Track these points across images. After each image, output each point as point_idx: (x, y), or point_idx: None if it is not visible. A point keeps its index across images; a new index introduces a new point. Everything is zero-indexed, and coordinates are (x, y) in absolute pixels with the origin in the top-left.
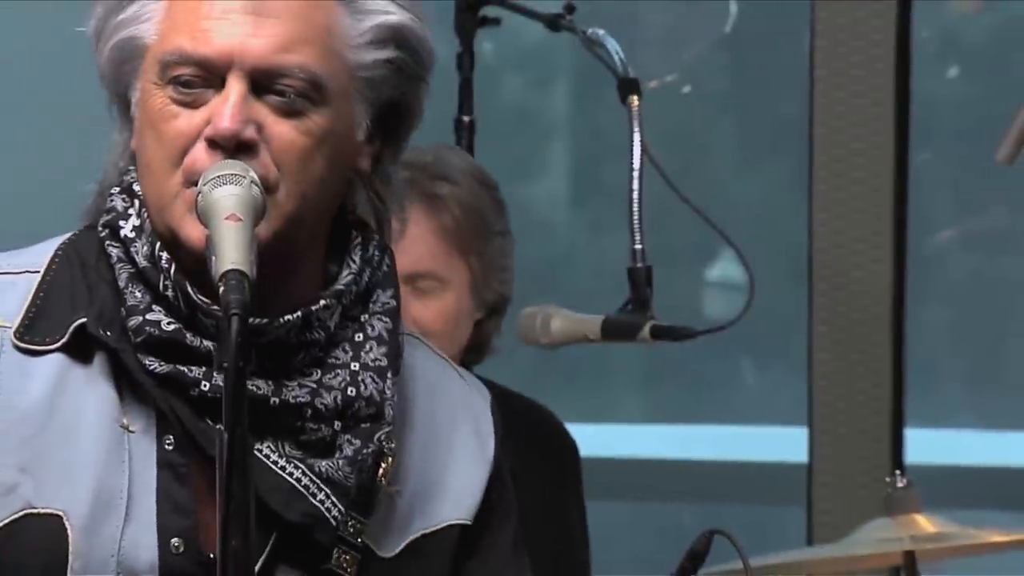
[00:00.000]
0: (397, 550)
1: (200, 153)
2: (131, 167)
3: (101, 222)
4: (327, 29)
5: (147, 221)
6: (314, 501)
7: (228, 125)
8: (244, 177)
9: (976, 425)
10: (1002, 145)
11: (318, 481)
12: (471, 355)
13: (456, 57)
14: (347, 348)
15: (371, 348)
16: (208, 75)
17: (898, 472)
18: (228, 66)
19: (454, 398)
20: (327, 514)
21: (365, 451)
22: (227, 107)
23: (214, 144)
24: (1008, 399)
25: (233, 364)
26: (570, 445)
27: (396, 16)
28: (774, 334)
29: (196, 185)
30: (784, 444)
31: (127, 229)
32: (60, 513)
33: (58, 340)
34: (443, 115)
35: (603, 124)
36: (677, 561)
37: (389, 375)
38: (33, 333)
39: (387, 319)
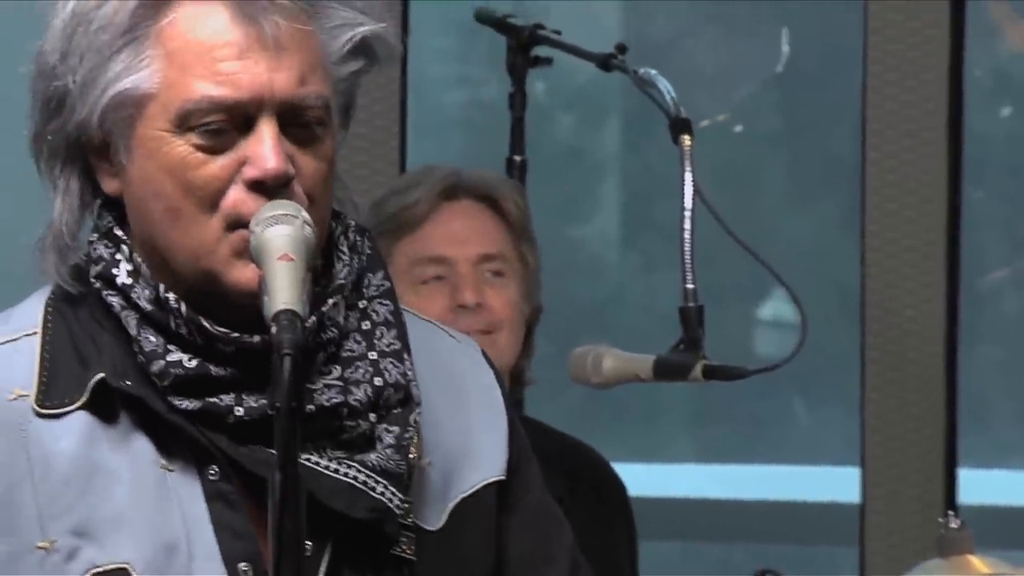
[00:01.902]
0: (443, 520)
1: (241, 195)
2: (108, 214)
3: (93, 273)
4: (319, 51)
5: (142, 265)
6: (375, 495)
7: (275, 166)
8: (296, 217)
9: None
10: None
11: (374, 475)
12: (512, 383)
13: (508, 97)
14: (359, 339)
15: (382, 334)
16: (236, 118)
17: (951, 513)
18: (259, 107)
19: (453, 358)
20: (390, 504)
21: (406, 436)
22: (267, 148)
23: (257, 186)
24: None
25: (286, 405)
26: (617, 484)
27: (363, 27)
28: (826, 373)
29: (240, 228)
30: (836, 484)
31: (122, 276)
32: (125, 565)
33: (78, 400)
34: (495, 155)
35: (654, 163)
36: None
37: (405, 356)
38: (52, 397)
39: (387, 301)
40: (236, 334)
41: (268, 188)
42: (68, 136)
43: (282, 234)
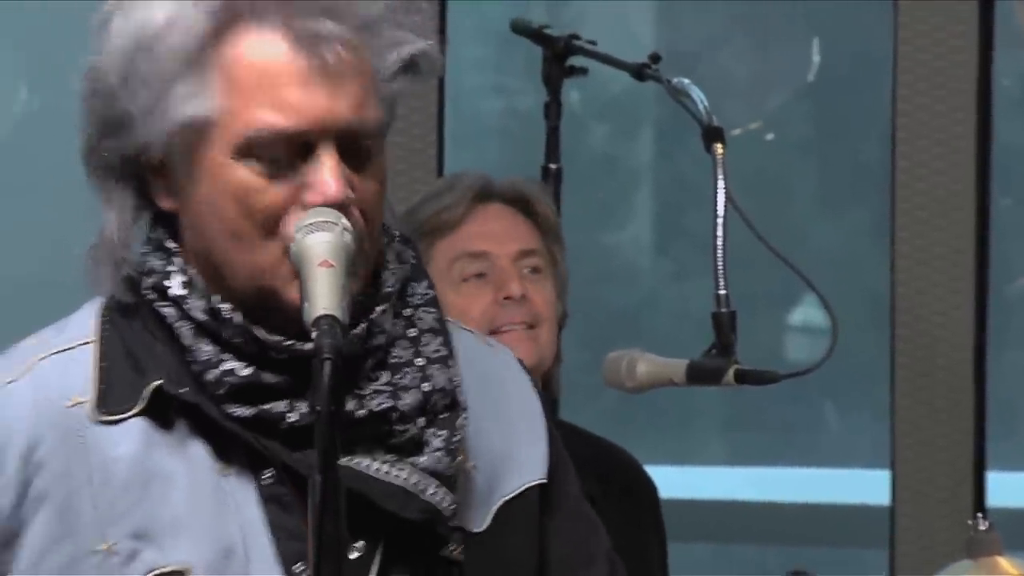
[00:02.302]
0: (487, 522)
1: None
2: (159, 226)
3: (146, 284)
4: (371, 73)
5: (196, 277)
6: (427, 496)
7: (336, 193)
8: (336, 224)
9: None
10: None
11: (425, 477)
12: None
13: (544, 106)
14: (406, 345)
15: (428, 341)
16: (296, 145)
17: (980, 515)
18: (320, 135)
19: (492, 365)
20: (440, 506)
21: (454, 439)
22: (328, 175)
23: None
24: None
25: (326, 408)
26: (648, 485)
27: (411, 46)
28: (856, 378)
29: None
30: (866, 487)
31: (176, 287)
32: (185, 567)
33: (135, 407)
34: (531, 163)
35: (686, 171)
36: None
37: (451, 362)
38: (109, 404)
39: (432, 309)
40: (289, 342)
41: (336, 206)
42: (125, 154)
43: (322, 241)
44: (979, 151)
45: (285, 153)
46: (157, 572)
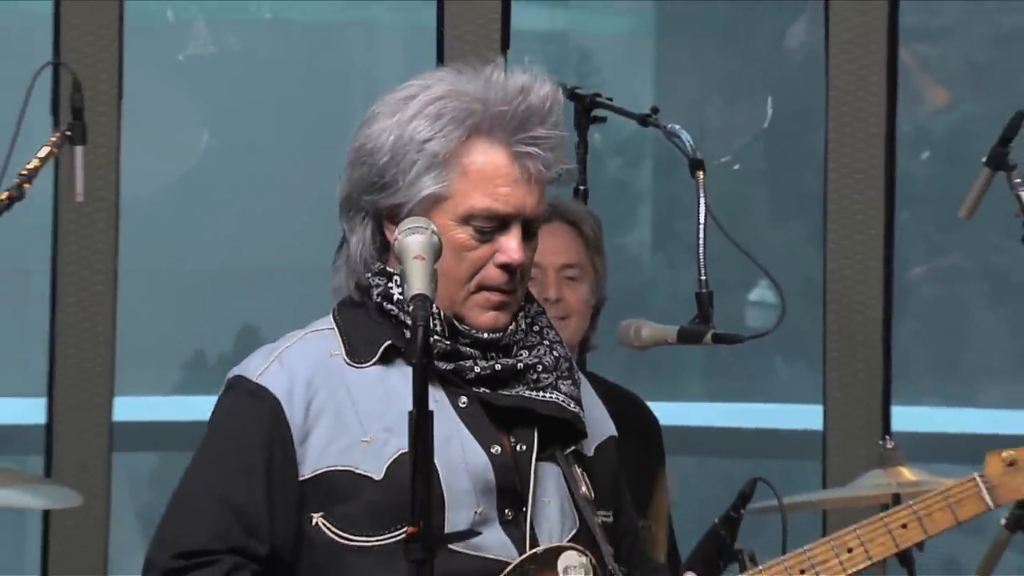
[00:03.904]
0: (592, 451)
1: (493, 272)
2: (384, 253)
3: (375, 294)
4: (546, 181)
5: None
6: (571, 408)
7: (519, 258)
8: (427, 228)
9: (940, 404)
10: (963, 206)
11: (568, 399)
12: (580, 351)
13: (575, 145)
14: (534, 335)
15: (547, 333)
16: (497, 222)
17: (887, 437)
18: (515, 218)
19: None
20: (577, 415)
21: (574, 388)
22: (516, 245)
23: (504, 267)
24: (966, 385)
25: (419, 360)
26: (652, 418)
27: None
28: (798, 340)
29: (484, 291)
30: (805, 417)
31: (396, 295)
32: None
33: (372, 359)
34: (566, 185)
35: (677, 191)
36: (731, 500)
37: (563, 346)
38: (355, 356)
39: (543, 317)
40: (472, 330)
41: (511, 270)
42: (376, 204)
43: (417, 241)
44: (887, 179)
45: (490, 226)
46: (402, 451)
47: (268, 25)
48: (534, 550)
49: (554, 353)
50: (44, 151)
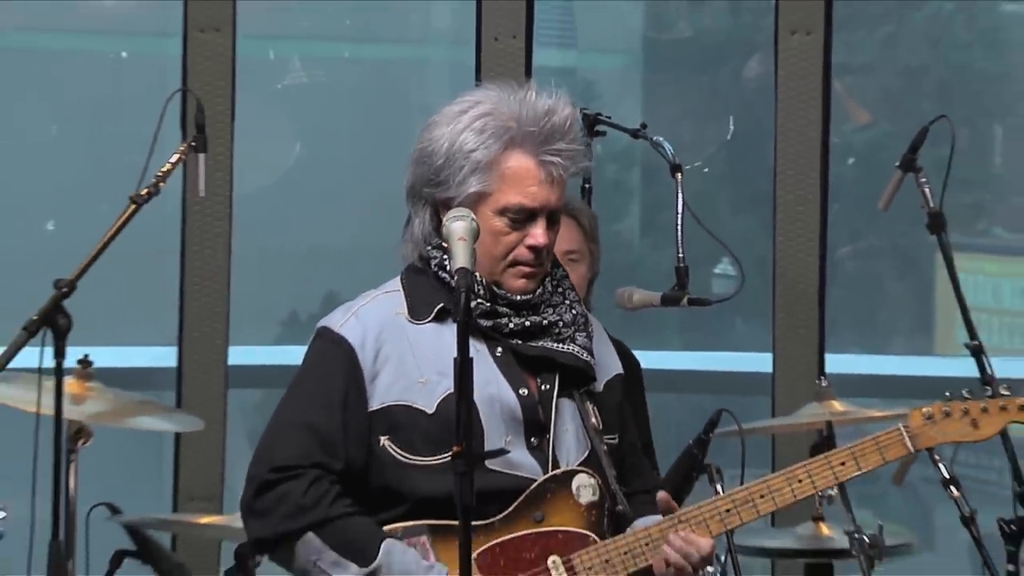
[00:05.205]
0: (601, 387)
1: (523, 251)
2: (436, 232)
3: (433, 264)
4: (566, 179)
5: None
6: (584, 357)
7: (544, 242)
8: (468, 216)
9: (861, 352)
10: (881, 200)
11: (583, 351)
12: None
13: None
14: (558, 296)
15: (569, 294)
16: (527, 214)
17: (822, 376)
18: (541, 211)
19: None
20: (590, 363)
21: (587, 340)
22: (541, 231)
23: (532, 248)
24: (880, 338)
25: (463, 319)
26: (636, 361)
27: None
28: (753, 303)
29: (516, 266)
30: (758, 362)
31: (449, 266)
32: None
33: (429, 317)
34: (574, 184)
35: (660, 190)
36: (701, 427)
37: (580, 305)
38: (415, 315)
39: (567, 282)
40: (508, 294)
41: (537, 250)
42: (433, 195)
43: (460, 226)
44: (822, 180)
45: (521, 217)
46: (449, 391)
47: (347, 62)
48: (553, 472)
49: (573, 311)
50: (174, 158)
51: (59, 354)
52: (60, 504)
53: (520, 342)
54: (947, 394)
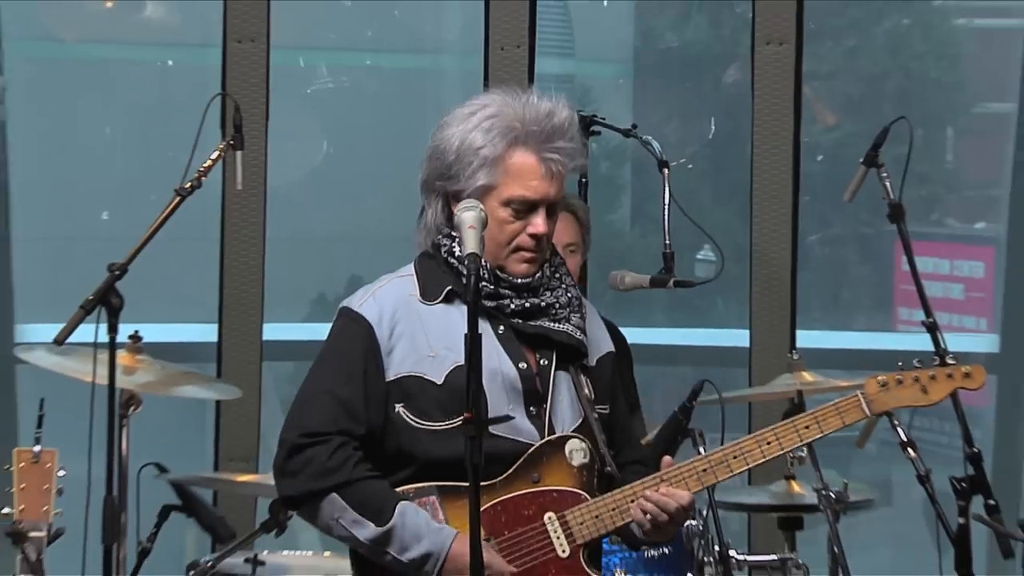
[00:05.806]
0: (594, 362)
1: (525, 239)
2: (450, 222)
3: (444, 250)
4: (565, 174)
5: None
6: (578, 336)
7: (544, 230)
8: (477, 207)
9: (828, 329)
10: (846, 193)
11: (576, 330)
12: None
13: None
14: (556, 280)
15: (565, 279)
16: (529, 205)
17: (794, 351)
18: (541, 203)
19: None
20: (583, 342)
21: (581, 320)
22: (541, 221)
23: (533, 236)
24: (845, 316)
25: (472, 300)
26: (623, 337)
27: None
28: (732, 285)
29: (518, 252)
30: (737, 338)
31: (459, 252)
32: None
33: (439, 298)
34: (571, 179)
35: (648, 184)
36: (686, 395)
37: (575, 288)
38: (426, 296)
39: (564, 267)
40: (510, 277)
41: (538, 238)
42: (445, 188)
43: (470, 215)
44: (793, 174)
45: (524, 208)
46: (457, 364)
47: (369, 69)
48: (548, 438)
49: (568, 294)
50: (215, 155)
51: (112, 330)
52: (113, 464)
53: (520, 321)
54: (899, 364)
